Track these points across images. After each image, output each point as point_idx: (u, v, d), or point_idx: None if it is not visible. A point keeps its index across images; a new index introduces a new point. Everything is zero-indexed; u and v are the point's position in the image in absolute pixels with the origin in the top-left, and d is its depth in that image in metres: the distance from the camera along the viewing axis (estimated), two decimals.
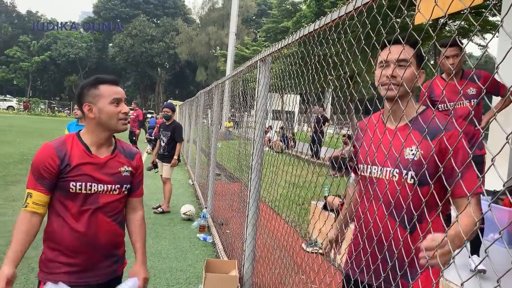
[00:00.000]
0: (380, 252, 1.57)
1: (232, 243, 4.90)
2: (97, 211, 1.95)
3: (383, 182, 1.65)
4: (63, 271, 1.91)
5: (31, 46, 66.86)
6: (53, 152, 1.88)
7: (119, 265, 2.12)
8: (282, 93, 3.06)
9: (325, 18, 2.04)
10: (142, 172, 2.20)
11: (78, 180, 1.89)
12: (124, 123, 1.97)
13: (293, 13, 26.41)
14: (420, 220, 1.50)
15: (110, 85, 1.96)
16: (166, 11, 72.35)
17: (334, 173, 2.03)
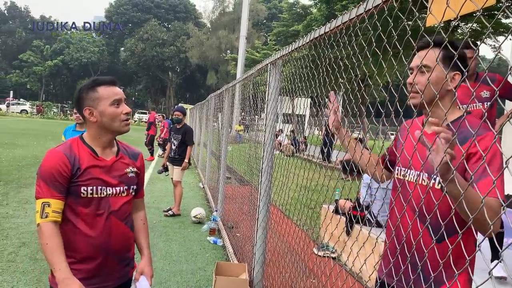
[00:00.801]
0: (412, 258, 1.55)
1: (242, 246, 4.89)
2: (110, 215, 1.93)
3: (413, 185, 1.63)
4: (77, 277, 1.82)
5: (44, 51, 67.79)
6: (63, 156, 1.84)
7: (130, 268, 2.11)
8: (293, 96, 3.05)
9: (336, 21, 2.03)
10: (143, 174, 2.18)
11: (89, 185, 1.86)
12: (126, 123, 1.94)
13: (304, 16, 26.38)
14: (449, 231, 1.44)
15: (108, 86, 1.92)
16: (177, 16, 72.90)
17: (345, 177, 2.01)
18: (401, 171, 1.74)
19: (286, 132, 13.58)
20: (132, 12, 71.28)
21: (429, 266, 1.44)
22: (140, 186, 2.15)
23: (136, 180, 2.07)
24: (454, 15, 1.27)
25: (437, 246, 1.45)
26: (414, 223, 1.54)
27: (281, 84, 3.51)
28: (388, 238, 1.73)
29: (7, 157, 12.03)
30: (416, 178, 1.64)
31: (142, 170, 2.15)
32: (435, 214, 1.42)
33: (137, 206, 2.17)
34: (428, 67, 1.55)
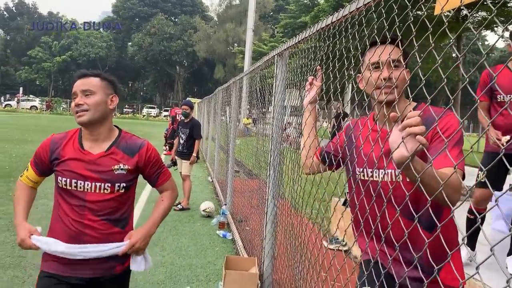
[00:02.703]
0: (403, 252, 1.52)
1: (252, 240, 4.89)
2: (84, 209, 1.94)
3: (384, 184, 1.61)
4: (52, 260, 1.96)
5: (53, 47, 68.20)
6: (48, 143, 2.00)
7: (117, 264, 2.05)
8: (300, 88, 3.01)
9: (343, 11, 1.99)
10: (155, 163, 2.12)
11: (64, 176, 1.93)
12: (77, 115, 1.92)
13: (311, 7, 26.21)
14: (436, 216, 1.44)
15: (77, 79, 1.98)
16: (184, 9, 72.85)
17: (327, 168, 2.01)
18: (366, 172, 1.70)
19: (294, 125, 13.53)
20: (139, 7, 71.39)
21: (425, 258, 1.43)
22: (153, 177, 2.14)
23: (128, 177, 2.01)
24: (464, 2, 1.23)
25: (428, 236, 1.43)
26: (402, 220, 1.50)
27: (288, 75, 3.47)
28: (362, 237, 1.71)
29: (17, 153, 12.14)
30: (387, 176, 1.62)
31: (147, 162, 2.08)
32: (422, 206, 1.40)
33: (161, 190, 2.21)
34: (398, 62, 1.56)
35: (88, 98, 1.92)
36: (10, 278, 3.86)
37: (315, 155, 2.02)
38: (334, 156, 1.92)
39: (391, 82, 1.56)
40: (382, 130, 1.64)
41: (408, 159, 1.18)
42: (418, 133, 1.14)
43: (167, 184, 2.20)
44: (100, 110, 1.95)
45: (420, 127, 1.14)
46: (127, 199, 2.07)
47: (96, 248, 1.95)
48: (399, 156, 1.20)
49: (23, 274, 3.96)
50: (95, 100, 1.93)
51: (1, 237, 4.93)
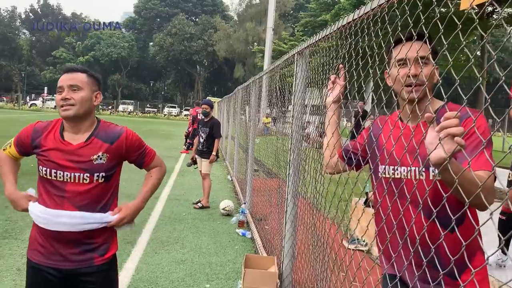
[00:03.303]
0: (424, 253, 1.49)
1: (271, 239, 4.88)
2: (64, 200, 1.97)
3: (410, 182, 1.58)
4: (33, 248, 2.05)
5: (76, 47, 69.50)
6: (30, 131, 2.05)
7: (97, 256, 2.07)
8: (321, 87, 2.99)
9: (364, 8, 1.96)
10: (137, 147, 2.15)
11: (45, 165, 1.97)
12: (62, 109, 1.95)
13: (332, 6, 26.01)
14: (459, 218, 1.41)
15: (64, 74, 2.01)
16: (205, 9, 73.23)
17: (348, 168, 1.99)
18: (387, 170, 1.68)
19: (314, 124, 13.46)
20: (160, 7, 72.08)
21: (443, 257, 1.40)
22: (138, 160, 2.19)
23: (107, 167, 2.03)
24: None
25: (450, 237, 1.40)
26: (422, 219, 1.48)
27: (308, 74, 3.44)
28: (384, 236, 1.68)
29: None
30: (410, 173, 1.59)
31: (130, 147, 2.11)
32: (443, 205, 1.37)
33: (149, 169, 2.28)
34: (427, 59, 1.54)
35: (75, 93, 1.96)
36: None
37: (338, 154, 2.00)
38: (357, 155, 1.89)
39: (418, 80, 1.54)
40: (407, 128, 1.61)
41: (446, 160, 1.15)
42: (456, 134, 1.11)
43: (153, 163, 2.27)
44: (86, 106, 1.99)
45: (458, 128, 1.11)
46: (107, 190, 2.07)
47: (80, 219, 1.97)
48: (437, 157, 1.18)
49: None
50: (81, 96, 1.96)
51: (27, 233, 5.03)
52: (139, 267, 4.33)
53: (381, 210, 1.70)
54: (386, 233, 1.64)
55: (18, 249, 4.53)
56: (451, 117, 1.13)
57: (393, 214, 1.60)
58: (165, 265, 4.46)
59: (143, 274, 4.17)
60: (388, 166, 1.68)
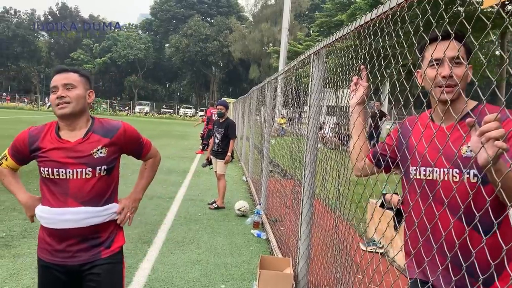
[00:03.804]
0: (454, 257, 1.45)
1: (287, 240, 4.86)
2: (68, 197, 1.99)
3: (443, 184, 1.54)
4: (42, 247, 2.09)
5: (94, 49, 70.48)
6: (25, 136, 2.07)
7: (103, 249, 2.11)
8: (337, 87, 2.96)
9: (382, 7, 1.93)
10: (135, 140, 2.22)
11: (46, 166, 2.00)
12: (58, 108, 1.99)
13: (348, 6, 25.85)
14: (493, 221, 1.38)
15: (56, 74, 2.04)
16: (220, 10, 73.51)
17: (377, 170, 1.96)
18: (419, 171, 1.65)
19: (330, 125, 13.39)
20: (176, 9, 72.62)
21: (478, 263, 1.35)
22: (135, 151, 2.27)
23: (108, 160, 2.07)
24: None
25: (487, 241, 1.36)
26: (455, 222, 1.45)
27: (325, 74, 3.42)
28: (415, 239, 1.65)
29: None
30: (444, 175, 1.55)
31: (128, 140, 2.17)
32: (478, 208, 1.34)
33: (145, 160, 2.37)
34: (458, 59, 1.50)
35: (69, 91, 2.00)
36: None
37: (367, 157, 1.98)
38: (389, 157, 1.86)
39: (452, 80, 1.50)
40: (441, 129, 1.58)
41: (490, 163, 1.13)
42: (497, 137, 1.09)
43: (149, 154, 2.35)
44: (81, 103, 2.04)
45: (499, 131, 1.09)
46: (110, 183, 2.11)
47: (84, 214, 2.01)
48: (484, 160, 1.15)
49: None
50: (76, 94, 2.02)
51: None
52: (155, 267, 4.35)
53: (413, 213, 1.66)
54: (419, 236, 1.61)
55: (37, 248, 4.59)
56: (491, 120, 1.10)
57: (426, 217, 1.57)
58: (181, 265, 4.47)
59: (159, 274, 4.19)
60: (421, 168, 1.65)
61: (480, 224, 1.34)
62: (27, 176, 7.53)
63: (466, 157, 1.49)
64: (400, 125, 1.87)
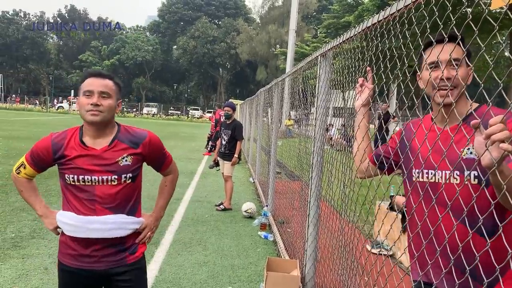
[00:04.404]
0: (457, 260, 1.45)
1: (294, 242, 4.85)
2: (95, 203, 1.99)
3: (445, 186, 1.54)
4: (64, 251, 2.07)
5: (102, 51, 70.94)
6: (49, 144, 2.03)
7: (128, 255, 2.12)
8: (344, 89, 2.96)
9: (390, 9, 1.93)
10: (159, 151, 2.23)
11: (71, 173, 1.98)
12: (90, 114, 1.95)
13: (355, 7, 25.79)
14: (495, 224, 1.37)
15: (92, 78, 2.00)
16: (227, 12, 73.66)
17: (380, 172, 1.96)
18: (422, 174, 1.64)
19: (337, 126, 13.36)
20: (183, 11, 72.90)
21: (481, 265, 1.34)
22: (157, 164, 2.27)
23: (133, 168, 2.07)
24: None
25: (491, 244, 1.35)
26: (457, 225, 1.44)
27: (332, 76, 3.41)
28: (418, 241, 1.64)
29: None
30: (446, 178, 1.55)
31: (151, 153, 2.17)
32: (481, 211, 1.33)
33: (165, 174, 2.36)
34: (458, 61, 1.51)
35: (104, 100, 1.98)
36: None
37: (370, 159, 1.98)
38: (389, 159, 1.87)
39: (449, 82, 1.51)
40: (445, 132, 1.58)
41: (495, 166, 1.12)
42: (502, 139, 1.08)
43: (170, 167, 2.35)
44: (112, 113, 2.02)
45: (504, 133, 1.08)
46: (135, 189, 2.13)
47: (112, 225, 2.01)
48: (488, 162, 1.14)
49: None
50: (109, 104, 2.00)
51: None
52: (163, 268, 4.37)
53: (415, 215, 1.66)
54: (422, 239, 1.60)
55: (46, 248, 4.63)
56: (496, 122, 1.10)
57: (429, 220, 1.57)
58: (188, 266, 4.48)
59: (166, 275, 4.20)
60: (424, 170, 1.64)
61: (482, 226, 1.34)
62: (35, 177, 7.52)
63: (467, 159, 1.49)
64: (404, 128, 1.87)
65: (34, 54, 70.32)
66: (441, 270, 1.51)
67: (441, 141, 1.54)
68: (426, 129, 1.64)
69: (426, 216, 1.57)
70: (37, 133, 19.09)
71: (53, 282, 3.81)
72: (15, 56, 69.77)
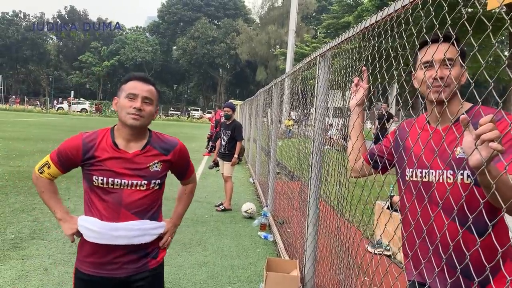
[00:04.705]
0: (449, 259, 1.45)
1: (293, 242, 4.85)
2: (121, 207, 1.96)
3: (438, 185, 1.55)
4: (84, 259, 2.02)
5: (102, 52, 70.98)
6: (79, 144, 1.98)
7: (150, 260, 2.10)
8: (344, 89, 2.96)
9: (388, 9, 1.93)
10: (186, 160, 2.23)
11: (100, 175, 1.94)
12: (132, 117, 1.92)
13: (354, 7, 25.81)
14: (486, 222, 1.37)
15: (136, 81, 1.98)
16: (227, 13, 73.75)
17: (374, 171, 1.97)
18: (415, 173, 1.65)
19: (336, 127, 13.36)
20: (183, 11, 73.00)
21: (474, 264, 1.36)
22: (181, 173, 2.28)
23: (161, 174, 2.06)
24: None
25: (481, 243, 1.36)
26: (449, 224, 1.45)
27: (330, 76, 3.42)
28: (412, 241, 1.65)
29: None
30: (439, 177, 1.56)
31: (181, 159, 2.18)
32: (473, 210, 1.33)
33: (185, 183, 2.37)
34: (452, 61, 1.52)
35: (147, 105, 1.96)
36: (61, 273, 4.04)
37: (364, 158, 1.99)
38: (383, 158, 1.87)
39: (442, 82, 1.52)
40: (437, 131, 1.59)
41: (484, 165, 1.13)
42: (492, 139, 1.08)
43: (192, 177, 2.36)
44: (150, 119, 2.01)
45: (494, 132, 1.08)
46: (159, 196, 2.12)
47: (137, 232, 1.98)
48: (475, 161, 1.15)
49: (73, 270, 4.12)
50: (150, 110, 1.99)
51: (53, 234, 5.17)
52: None
53: (409, 214, 1.67)
54: (415, 238, 1.61)
55: (45, 249, 4.63)
56: (487, 122, 1.10)
57: (422, 219, 1.58)
58: (188, 267, 4.49)
59: (166, 276, 4.17)
60: (417, 169, 1.65)
61: (473, 225, 1.35)
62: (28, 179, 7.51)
63: (460, 158, 1.49)
64: (398, 127, 1.88)
65: (34, 55, 70.39)
66: (435, 269, 1.52)
67: (434, 140, 1.55)
68: (420, 128, 1.65)
69: (420, 216, 1.58)
70: (37, 134, 19.11)
71: (52, 283, 3.81)
72: (15, 57, 69.83)
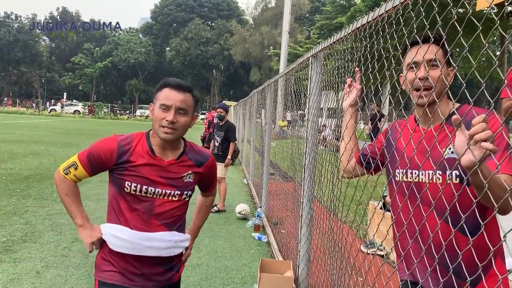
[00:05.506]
0: (441, 259, 1.46)
1: (287, 243, 4.85)
2: (151, 217, 1.89)
3: (429, 186, 1.56)
4: (110, 270, 1.91)
5: (95, 53, 70.71)
6: (114, 147, 1.87)
7: (174, 273, 2.05)
8: (337, 90, 2.97)
9: (379, 9, 1.94)
10: (213, 176, 2.18)
11: (133, 181, 1.85)
12: (164, 131, 1.82)
13: (347, 8, 25.91)
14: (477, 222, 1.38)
15: (171, 89, 1.85)
16: (220, 14, 73.76)
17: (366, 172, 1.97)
18: (406, 174, 1.66)
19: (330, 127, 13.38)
20: (176, 12, 72.89)
21: (465, 263, 1.35)
22: (207, 185, 2.20)
23: (192, 186, 2.01)
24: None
25: (475, 242, 1.37)
26: (441, 224, 1.45)
27: (323, 77, 3.42)
28: (404, 241, 1.67)
29: (61, 155, 12.61)
30: (429, 177, 1.57)
31: (210, 172, 2.12)
32: (464, 210, 1.34)
33: (207, 195, 2.31)
34: (435, 61, 1.53)
35: (181, 116, 1.85)
36: (53, 276, 4.00)
37: (356, 159, 1.99)
38: (375, 159, 1.88)
39: (428, 83, 1.52)
40: (429, 131, 1.60)
41: (476, 165, 1.13)
42: (484, 139, 1.09)
43: (213, 191, 2.31)
44: (185, 130, 1.91)
45: (486, 132, 1.08)
46: (187, 208, 2.05)
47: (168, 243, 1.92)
48: (468, 161, 1.15)
49: (65, 273, 4.10)
50: (185, 121, 1.87)
51: (46, 236, 5.12)
52: None
53: (401, 215, 1.67)
54: (408, 238, 1.62)
55: (37, 252, 4.60)
56: (479, 122, 1.10)
57: (414, 219, 1.58)
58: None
59: None
60: (408, 170, 1.66)
61: (464, 225, 1.35)
62: (27, 180, 7.56)
63: (449, 158, 1.50)
64: (390, 127, 1.88)
65: (26, 57, 69.93)
66: (427, 269, 1.52)
67: (427, 141, 1.56)
68: (411, 129, 1.65)
69: (411, 216, 1.58)
70: (28, 136, 18.97)
71: (44, 286, 3.78)
72: (7, 58, 69.33)
